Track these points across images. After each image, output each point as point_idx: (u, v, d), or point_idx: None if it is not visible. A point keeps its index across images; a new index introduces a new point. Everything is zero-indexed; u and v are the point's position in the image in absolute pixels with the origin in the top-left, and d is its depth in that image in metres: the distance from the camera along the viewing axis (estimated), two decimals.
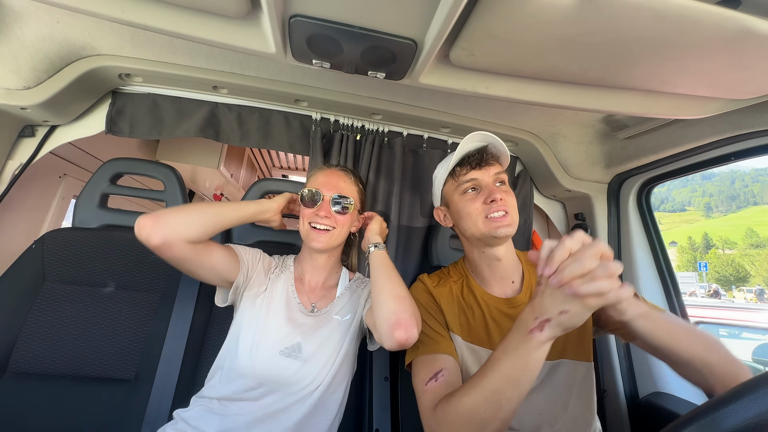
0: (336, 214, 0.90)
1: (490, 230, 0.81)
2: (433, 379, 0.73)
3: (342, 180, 0.95)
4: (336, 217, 0.90)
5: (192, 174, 2.34)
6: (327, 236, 0.90)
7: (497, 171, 0.85)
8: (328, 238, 0.90)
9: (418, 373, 0.77)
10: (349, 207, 0.92)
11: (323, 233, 0.90)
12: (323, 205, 0.90)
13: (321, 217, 0.89)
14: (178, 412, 0.84)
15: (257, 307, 0.88)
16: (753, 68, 0.63)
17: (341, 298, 0.95)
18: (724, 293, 49.66)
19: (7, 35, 0.88)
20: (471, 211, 0.84)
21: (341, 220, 0.91)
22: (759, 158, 8.86)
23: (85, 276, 1.00)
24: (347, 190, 0.94)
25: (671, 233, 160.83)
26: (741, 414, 0.35)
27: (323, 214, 0.89)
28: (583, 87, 0.77)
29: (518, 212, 0.85)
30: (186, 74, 1.09)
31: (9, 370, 0.90)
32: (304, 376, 0.82)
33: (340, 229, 0.91)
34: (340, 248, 0.99)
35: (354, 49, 0.67)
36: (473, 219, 0.83)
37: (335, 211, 0.90)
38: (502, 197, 0.81)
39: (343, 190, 0.93)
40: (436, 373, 0.74)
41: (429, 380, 0.73)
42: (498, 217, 0.81)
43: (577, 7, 0.51)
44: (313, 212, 0.90)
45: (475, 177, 0.84)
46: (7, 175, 1.11)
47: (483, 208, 0.82)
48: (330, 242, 0.90)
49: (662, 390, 1.07)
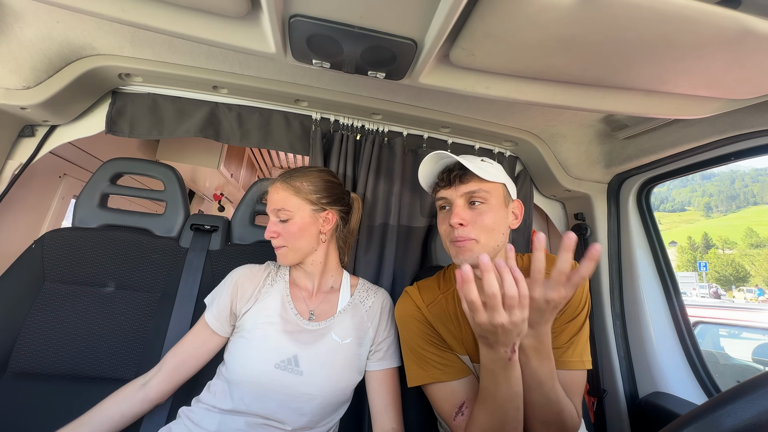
0: (283, 228, 0.88)
1: (453, 256, 0.80)
2: (459, 414, 0.76)
3: (275, 192, 0.91)
4: (284, 233, 0.88)
5: (192, 174, 2.34)
6: (284, 252, 0.89)
7: (468, 190, 0.78)
8: (284, 254, 0.89)
9: (440, 403, 0.80)
10: (290, 217, 0.88)
11: (281, 251, 0.89)
12: (269, 226, 0.89)
13: (269, 238, 0.89)
14: (183, 410, 0.84)
15: (252, 320, 0.87)
16: (753, 68, 0.62)
17: (342, 315, 0.92)
18: (723, 293, 49.65)
19: (7, 35, 0.88)
20: (441, 231, 0.84)
21: (289, 233, 0.88)
22: (759, 158, 8.85)
23: (85, 276, 1.00)
24: (280, 200, 0.89)
25: (671, 233, 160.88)
26: (741, 414, 0.35)
27: (268, 235, 0.89)
28: (583, 87, 0.77)
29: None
30: (186, 74, 1.09)
31: (9, 370, 0.90)
32: (301, 392, 0.80)
33: (293, 242, 0.88)
34: (319, 254, 0.94)
35: (354, 49, 0.67)
36: (443, 239, 0.83)
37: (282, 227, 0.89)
38: (463, 222, 0.76)
39: (276, 202, 0.89)
40: (460, 407, 0.77)
41: (456, 415, 0.77)
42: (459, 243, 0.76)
43: (578, 7, 0.51)
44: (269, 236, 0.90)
45: (444, 196, 0.82)
46: (6, 175, 1.11)
47: (448, 231, 0.80)
48: (290, 258, 0.90)
49: (662, 390, 1.07)
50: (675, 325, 1.16)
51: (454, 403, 0.78)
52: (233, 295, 0.90)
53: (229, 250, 1.12)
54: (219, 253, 1.10)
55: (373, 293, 0.99)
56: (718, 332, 3.84)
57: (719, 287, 59.70)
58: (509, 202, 0.83)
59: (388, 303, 0.99)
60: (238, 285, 0.91)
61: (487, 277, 0.57)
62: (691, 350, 1.12)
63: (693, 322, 3.07)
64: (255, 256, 1.08)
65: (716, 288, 46.96)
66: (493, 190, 0.79)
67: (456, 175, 0.80)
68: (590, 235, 1.32)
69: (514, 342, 0.62)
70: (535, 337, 0.66)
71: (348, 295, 0.96)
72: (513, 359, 0.63)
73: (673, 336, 1.15)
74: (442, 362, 0.82)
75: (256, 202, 1.18)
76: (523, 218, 1.41)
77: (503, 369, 0.64)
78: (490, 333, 0.61)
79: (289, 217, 0.88)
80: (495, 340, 0.61)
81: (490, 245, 0.77)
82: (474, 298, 0.59)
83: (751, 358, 3.33)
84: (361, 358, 0.90)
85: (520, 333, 0.61)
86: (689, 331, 1.14)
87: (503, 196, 0.81)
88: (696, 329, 3.61)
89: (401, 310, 0.91)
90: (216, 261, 1.09)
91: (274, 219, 0.89)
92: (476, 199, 0.78)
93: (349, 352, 0.87)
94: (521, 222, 0.88)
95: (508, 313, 0.58)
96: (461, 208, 0.78)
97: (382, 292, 1.00)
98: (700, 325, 3.81)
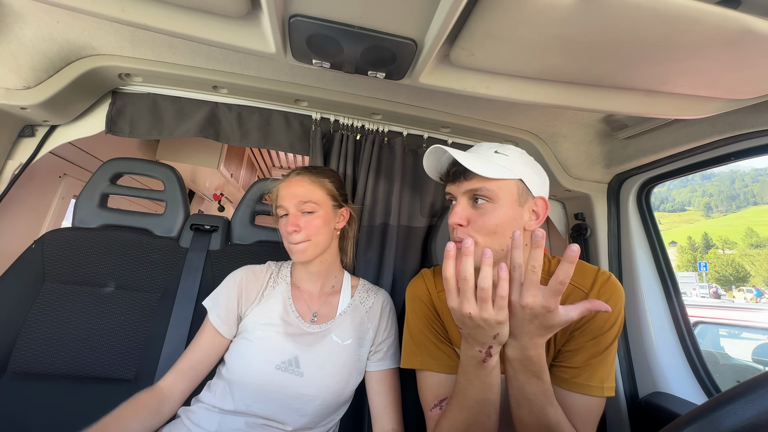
0: (306, 223, 0.87)
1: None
2: (437, 407, 0.75)
3: (299, 185, 0.90)
4: (307, 227, 0.87)
5: (192, 174, 2.34)
6: (303, 247, 0.87)
7: (471, 187, 0.71)
8: (304, 249, 0.87)
9: (424, 391, 0.80)
10: (315, 210, 0.89)
11: (300, 246, 0.87)
12: (290, 220, 0.88)
13: (291, 232, 0.86)
14: (183, 409, 0.84)
15: (253, 322, 0.87)
16: (753, 68, 0.62)
17: (343, 317, 0.92)
18: (723, 293, 49.65)
19: (7, 35, 0.88)
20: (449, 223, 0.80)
21: (313, 227, 0.88)
22: (759, 158, 8.84)
23: (85, 276, 1.00)
24: (306, 193, 0.89)
25: (671, 233, 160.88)
26: (740, 414, 0.35)
27: (291, 229, 0.86)
28: (583, 87, 0.76)
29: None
30: (186, 74, 1.09)
31: (9, 370, 0.90)
32: (301, 393, 0.80)
33: (316, 236, 0.88)
34: (330, 251, 0.96)
35: (354, 49, 0.67)
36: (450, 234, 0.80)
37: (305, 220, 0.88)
38: (461, 222, 0.71)
39: (302, 195, 0.88)
40: (440, 401, 0.76)
41: (433, 407, 0.76)
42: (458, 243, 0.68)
43: (578, 7, 0.51)
44: (284, 230, 0.88)
45: (449, 191, 0.77)
46: (6, 175, 1.11)
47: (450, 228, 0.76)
48: (310, 253, 0.88)
49: (662, 390, 1.07)
50: (675, 325, 1.15)
51: (436, 395, 0.77)
52: (239, 297, 0.90)
53: (229, 250, 1.12)
54: (219, 253, 1.10)
55: (374, 294, 0.99)
56: (718, 332, 3.84)
57: (719, 287, 59.70)
58: (527, 200, 0.73)
59: (389, 304, 0.99)
60: (243, 287, 0.91)
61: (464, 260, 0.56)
62: (691, 350, 1.12)
63: (693, 322, 3.07)
64: (255, 256, 1.08)
65: (716, 288, 46.96)
66: (501, 187, 0.70)
67: (458, 170, 0.73)
68: (590, 235, 1.32)
69: (490, 345, 0.60)
70: (520, 349, 0.61)
71: (349, 296, 0.96)
72: (488, 363, 0.61)
73: (673, 336, 1.14)
74: (437, 352, 0.80)
75: (256, 202, 1.18)
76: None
77: (476, 369, 0.62)
78: (461, 322, 0.60)
79: (314, 209, 0.88)
80: (468, 333, 0.61)
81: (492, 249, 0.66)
82: (448, 276, 0.59)
83: (751, 358, 3.33)
84: (362, 359, 0.90)
85: (496, 337, 0.59)
86: (689, 331, 1.14)
87: (517, 194, 0.71)
88: (696, 329, 3.61)
89: (412, 289, 0.90)
90: (216, 261, 1.09)
91: (295, 212, 0.88)
92: (479, 197, 0.71)
93: (349, 353, 0.87)
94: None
95: (479, 306, 0.57)
96: (462, 207, 0.72)
97: (382, 293, 1.00)
98: (700, 325, 3.81)
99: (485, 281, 0.57)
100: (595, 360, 0.69)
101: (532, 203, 0.74)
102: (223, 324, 0.87)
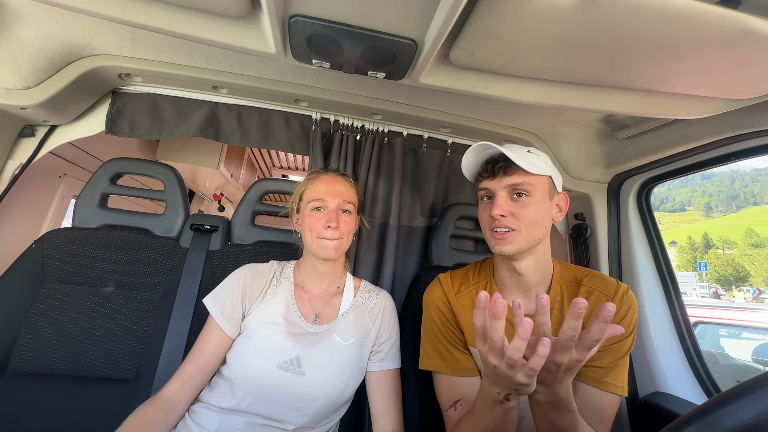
0: (343, 222, 0.89)
1: (492, 245, 0.79)
2: (452, 408, 0.78)
3: (343, 185, 0.94)
4: (344, 226, 0.89)
5: (192, 174, 2.34)
6: (337, 244, 0.89)
7: (513, 182, 0.77)
8: (338, 246, 0.89)
9: (440, 392, 0.83)
10: (352, 212, 0.93)
11: (335, 243, 0.88)
12: (331, 215, 0.88)
13: (332, 228, 0.87)
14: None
15: (255, 320, 0.87)
16: (753, 68, 0.62)
17: (345, 317, 0.92)
18: (723, 293, 49.66)
19: (7, 35, 0.88)
20: (482, 220, 0.83)
21: (349, 226, 0.91)
22: (759, 158, 8.84)
23: (85, 276, 1.00)
24: (349, 194, 0.93)
25: (671, 233, 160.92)
26: (740, 414, 0.35)
27: (333, 224, 0.87)
28: (583, 87, 0.77)
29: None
30: (186, 74, 1.09)
31: (9, 370, 0.90)
32: (303, 392, 0.80)
33: (347, 236, 0.92)
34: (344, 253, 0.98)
35: (354, 49, 0.67)
36: (483, 228, 0.83)
37: (343, 219, 0.90)
38: (504, 213, 0.76)
39: (345, 195, 0.92)
40: (455, 402, 0.79)
41: (449, 407, 0.79)
42: (499, 233, 0.76)
43: (577, 7, 0.51)
44: (322, 224, 0.88)
45: (487, 187, 0.81)
46: (6, 175, 1.11)
47: (489, 221, 0.79)
48: (342, 249, 0.91)
49: (662, 390, 1.07)
50: (675, 325, 1.15)
51: (451, 396, 0.81)
52: (243, 296, 0.89)
53: (229, 250, 1.12)
54: (219, 253, 1.10)
55: (375, 294, 0.99)
56: (718, 332, 3.84)
57: (719, 287, 59.70)
58: (554, 195, 0.81)
59: (390, 304, 0.99)
60: (246, 286, 0.90)
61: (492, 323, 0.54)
62: (691, 350, 1.12)
63: (693, 322, 3.07)
64: (255, 256, 1.08)
65: (716, 288, 46.97)
66: (537, 182, 0.77)
67: (501, 167, 0.78)
68: (590, 235, 1.32)
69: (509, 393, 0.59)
70: (552, 394, 0.60)
71: (351, 297, 0.96)
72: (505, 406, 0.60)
73: (673, 336, 1.14)
74: (450, 358, 0.84)
75: (257, 202, 1.18)
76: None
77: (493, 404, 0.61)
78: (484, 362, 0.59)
79: (352, 210, 0.93)
80: (488, 373, 0.59)
81: (531, 237, 0.76)
82: (478, 325, 0.57)
83: (751, 358, 3.33)
84: (363, 359, 0.90)
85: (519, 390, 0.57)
86: (689, 331, 1.14)
87: (548, 189, 0.79)
88: (696, 329, 3.61)
89: (429, 295, 0.93)
90: (216, 261, 1.09)
91: (336, 209, 0.89)
92: (520, 192, 0.77)
93: (351, 354, 0.87)
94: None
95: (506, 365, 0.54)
96: (504, 200, 0.77)
97: (384, 294, 1.01)
98: (700, 325, 3.81)
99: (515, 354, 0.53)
100: (620, 361, 0.75)
101: (557, 198, 0.83)
102: (228, 323, 0.87)
